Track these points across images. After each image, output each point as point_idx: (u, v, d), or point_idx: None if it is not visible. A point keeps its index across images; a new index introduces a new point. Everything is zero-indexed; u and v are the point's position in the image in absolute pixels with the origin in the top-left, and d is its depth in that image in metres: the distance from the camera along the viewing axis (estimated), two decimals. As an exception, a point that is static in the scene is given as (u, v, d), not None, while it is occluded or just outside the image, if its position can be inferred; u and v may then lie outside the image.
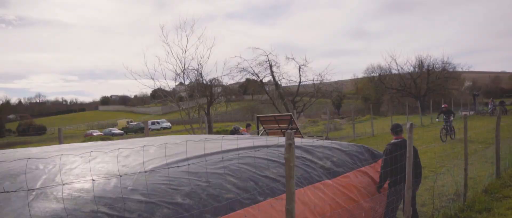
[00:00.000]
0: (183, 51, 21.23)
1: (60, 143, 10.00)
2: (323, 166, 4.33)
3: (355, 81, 60.37)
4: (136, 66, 62.30)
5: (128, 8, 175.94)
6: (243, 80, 30.29)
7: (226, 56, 71.34)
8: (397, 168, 4.78)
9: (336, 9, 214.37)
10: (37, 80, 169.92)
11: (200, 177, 3.27)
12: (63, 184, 2.78)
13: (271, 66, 27.44)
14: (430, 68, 46.09)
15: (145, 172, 3.12)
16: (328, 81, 28.94)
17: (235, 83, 31.53)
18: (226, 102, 29.30)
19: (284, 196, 3.50)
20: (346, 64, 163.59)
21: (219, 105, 27.95)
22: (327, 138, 13.21)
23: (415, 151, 5.30)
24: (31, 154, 4.26)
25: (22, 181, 2.97)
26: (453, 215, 5.76)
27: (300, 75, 27.95)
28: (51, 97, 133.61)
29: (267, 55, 26.92)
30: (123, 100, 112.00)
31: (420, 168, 5.25)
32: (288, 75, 30.70)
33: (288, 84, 29.68)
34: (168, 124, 56.60)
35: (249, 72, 27.57)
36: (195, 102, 25.73)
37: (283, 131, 12.83)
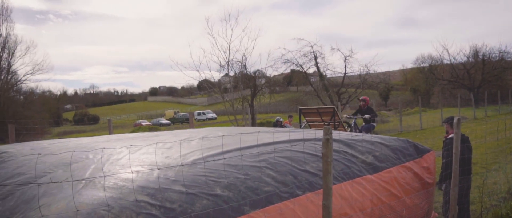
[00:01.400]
0: (227, 43, 21.46)
1: (110, 132, 10.61)
2: (365, 160, 4.24)
3: (404, 72, 58.23)
4: (182, 58, 63.83)
5: (175, 0, 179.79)
6: (287, 71, 30.17)
7: (270, 47, 71.25)
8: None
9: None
10: (91, 72, 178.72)
11: (239, 170, 3.32)
12: (105, 176, 2.94)
13: (315, 57, 27.12)
14: (485, 58, 43.60)
15: (182, 165, 3.20)
16: (375, 72, 28.15)
17: (279, 75, 31.47)
18: (269, 93, 29.36)
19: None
20: (394, 54, 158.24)
21: (262, 96, 28.07)
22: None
23: (470, 147, 5.09)
24: (83, 144, 4.51)
25: (74, 170, 3.18)
26: (504, 215, 5.47)
27: (345, 66, 27.43)
28: (104, 88, 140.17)
29: (311, 46, 26.63)
30: (171, 91, 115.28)
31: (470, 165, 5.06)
32: (333, 67, 30.19)
33: (333, 76, 29.23)
34: (214, 115, 57.58)
35: (293, 63, 27.43)
36: (239, 94, 26.02)
37: (325, 123, 12.68)
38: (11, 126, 9.69)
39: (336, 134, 4.58)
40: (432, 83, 49.02)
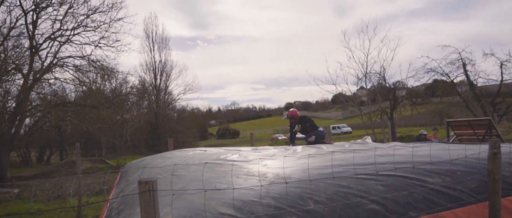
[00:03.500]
0: (365, 55, 20.87)
1: (252, 145, 11.27)
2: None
3: None
4: (317, 72, 64.33)
5: (307, 17, 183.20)
6: (430, 81, 27.76)
7: (410, 57, 66.90)
8: None
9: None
10: (231, 90, 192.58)
11: (340, 182, 3.09)
12: (234, 188, 2.96)
13: (464, 65, 24.30)
14: None
15: (286, 183, 3.04)
16: (542, 78, 23.90)
17: (421, 85, 29.20)
18: (411, 105, 27.41)
19: (445, 214, 2.98)
20: None
21: (403, 109, 26.37)
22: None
23: None
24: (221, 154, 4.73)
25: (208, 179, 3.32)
26: None
27: (502, 72, 23.89)
28: (243, 105, 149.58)
29: (459, 53, 23.96)
30: (305, 105, 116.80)
31: None
32: (486, 74, 26.60)
33: (486, 84, 25.76)
34: (349, 129, 56.30)
35: (437, 72, 25.10)
36: (377, 106, 24.88)
37: (479, 137, 11.09)
38: (170, 139, 10.91)
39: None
40: None
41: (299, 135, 9.29)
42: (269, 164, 3.90)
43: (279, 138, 50.86)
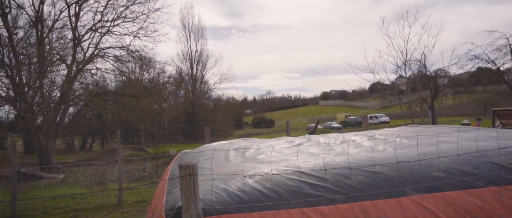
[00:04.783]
0: (404, 42, 20.25)
1: (288, 134, 11.23)
2: None
3: None
4: (354, 60, 63.31)
5: (344, 3, 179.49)
6: (474, 69, 26.57)
7: (454, 43, 64.19)
8: None
9: None
10: (266, 79, 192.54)
11: (404, 150, 3.22)
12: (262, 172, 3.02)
13: (512, 51, 23.05)
14: None
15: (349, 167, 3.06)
16: None
17: (464, 73, 28.02)
18: (453, 94, 26.42)
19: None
20: None
21: (445, 98, 25.47)
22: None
23: None
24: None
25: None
26: None
27: (552, 60, 22.50)
28: (278, 94, 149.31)
29: (507, 38, 22.68)
30: (342, 95, 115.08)
31: None
32: (536, 61, 24.95)
33: (535, 72, 24.37)
34: (387, 118, 55.02)
35: (482, 59, 23.93)
36: (417, 95, 24.16)
37: (527, 126, 10.51)
38: (207, 127, 11.05)
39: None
40: None
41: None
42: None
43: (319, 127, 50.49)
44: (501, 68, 24.49)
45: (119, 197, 9.08)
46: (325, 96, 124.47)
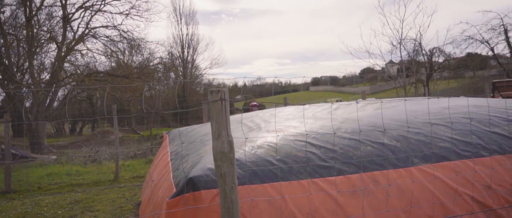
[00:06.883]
0: (400, 21, 20.29)
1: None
2: None
3: None
4: (349, 44, 63.15)
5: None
6: (466, 52, 26.79)
7: (449, 23, 64.23)
8: None
9: None
10: (257, 65, 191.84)
11: (409, 124, 3.14)
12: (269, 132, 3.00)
13: (506, 31, 23.17)
14: None
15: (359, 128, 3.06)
16: None
17: (452, 60, 28.26)
18: (444, 79, 26.76)
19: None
20: None
21: (439, 81, 25.73)
22: None
23: None
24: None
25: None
26: None
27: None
28: (269, 80, 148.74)
29: (501, 18, 22.83)
30: (333, 81, 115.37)
31: None
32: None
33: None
34: (378, 103, 55.57)
35: (476, 40, 24.11)
36: (412, 77, 24.33)
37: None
38: (205, 106, 11.16)
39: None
40: None
41: None
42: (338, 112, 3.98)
43: (306, 112, 50.75)
44: (495, 49, 24.71)
45: (116, 173, 9.06)
46: (316, 82, 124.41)
